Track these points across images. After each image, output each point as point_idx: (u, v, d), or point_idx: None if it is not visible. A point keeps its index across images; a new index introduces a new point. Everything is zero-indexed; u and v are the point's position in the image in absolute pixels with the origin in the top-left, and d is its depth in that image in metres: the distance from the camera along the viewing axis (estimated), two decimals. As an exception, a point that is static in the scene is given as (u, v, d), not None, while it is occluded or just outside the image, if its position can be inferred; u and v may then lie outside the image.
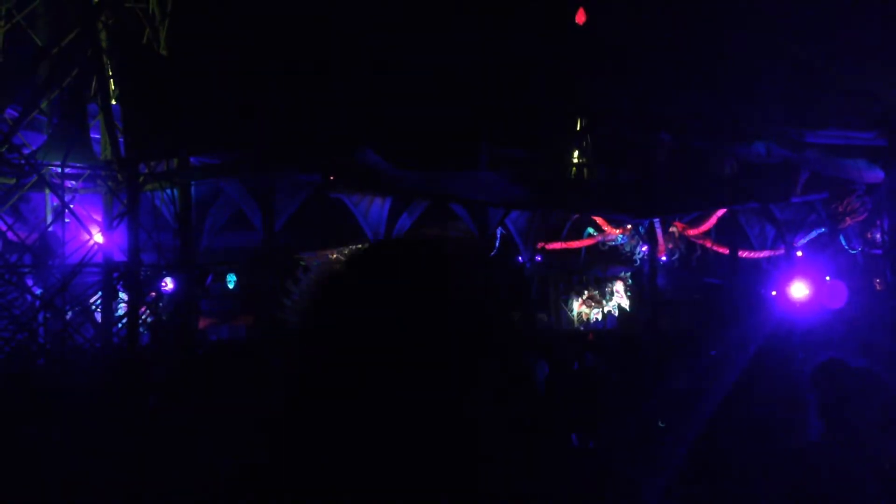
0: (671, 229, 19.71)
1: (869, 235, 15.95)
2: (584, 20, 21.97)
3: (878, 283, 15.86)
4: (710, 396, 4.69)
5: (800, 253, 17.87)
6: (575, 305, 23.18)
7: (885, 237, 14.59)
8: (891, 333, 9.03)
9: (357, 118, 16.57)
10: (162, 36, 11.02)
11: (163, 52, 11.00)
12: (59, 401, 5.89)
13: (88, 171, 10.57)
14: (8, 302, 8.96)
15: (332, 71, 18.85)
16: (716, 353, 7.08)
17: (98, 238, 9.92)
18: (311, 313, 1.00)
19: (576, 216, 20.39)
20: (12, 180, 10.00)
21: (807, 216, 17.43)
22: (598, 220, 20.66)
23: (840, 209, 14.17)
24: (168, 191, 10.43)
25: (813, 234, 17.59)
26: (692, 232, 19.61)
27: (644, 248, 20.27)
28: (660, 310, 18.01)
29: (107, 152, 10.29)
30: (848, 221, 14.29)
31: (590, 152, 22.67)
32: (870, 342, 6.14)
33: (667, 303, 19.14)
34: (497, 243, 18.52)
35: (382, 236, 16.17)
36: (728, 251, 18.34)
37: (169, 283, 10.47)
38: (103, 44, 9.92)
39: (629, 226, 20.12)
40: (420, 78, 20.05)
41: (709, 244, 19.70)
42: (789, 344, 6.99)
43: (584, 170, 22.36)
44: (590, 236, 21.33)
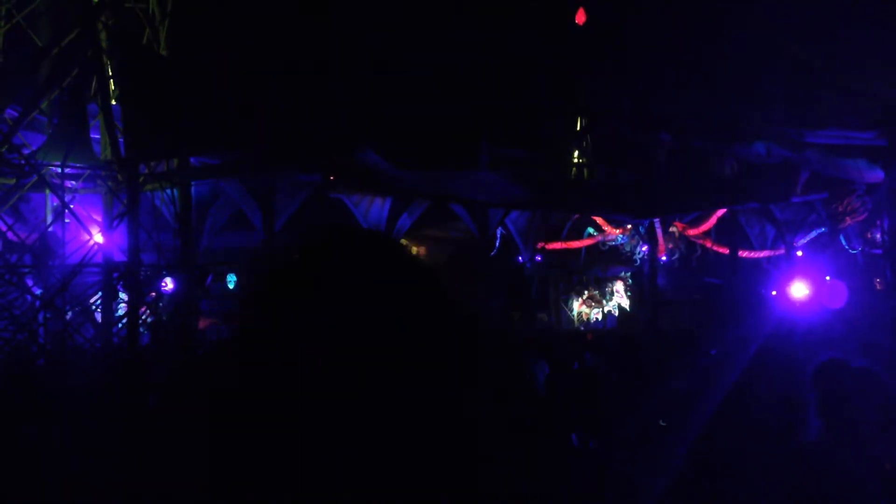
0: (671, 229, 19.71)
1: (869, 235, 15.95)
2: (584, 20, 21.99)
3: (878, 283, 15.86)
4: (711, 396, 4.68)
5: (800, 253, 17.87)
6: (575, 305, 23.18)
7: (885, 237, 14.58)
8: (891, 333, 9.03)
9: (357, 118, 16.58)
10: (162, 36, 11.02)
11: (163, 52, 10.99)
12: (59, 401, 5.89)
13: (88, 172, 10.56)
14: (8, 302, 8.96)
15: (332, 71, 18.85)
16: (716, 353, 7.08)
17: (98, 238, 9.91)
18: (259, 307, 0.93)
19: (576, 216, 20.40)
20: (12, 180, 10.00)
21: (807, 216, 17.43)
22: (599, 220, 20.66)
23: (840, 209, 14.16)
24: (168, 191, 10.42)
25: (813, 233, 17.59)
26: (692, 232, 19.61)
27: (644, 248, 20.28)
28: (660, 310, 18.03)
29: (107, 152, 10.28)
30: (848, 221, 14.27)
31: (590, 152, 22.68)
32: (870, 342, 6.13)
33: (667, 303, 19.16)
34: (497, 243, 18.52)
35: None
36: (728, 251, 18.34)
37: (169, 284, 10.47)
38: (103, 44, 9.91)
39: (629, 226, 20.13)
40: (420, 78, 20.05)
41: (709, 244, 19.71)
42: (789, 344, 6.98)
43: (584, 170, 22.37)
44: (590, 236, 21.33)
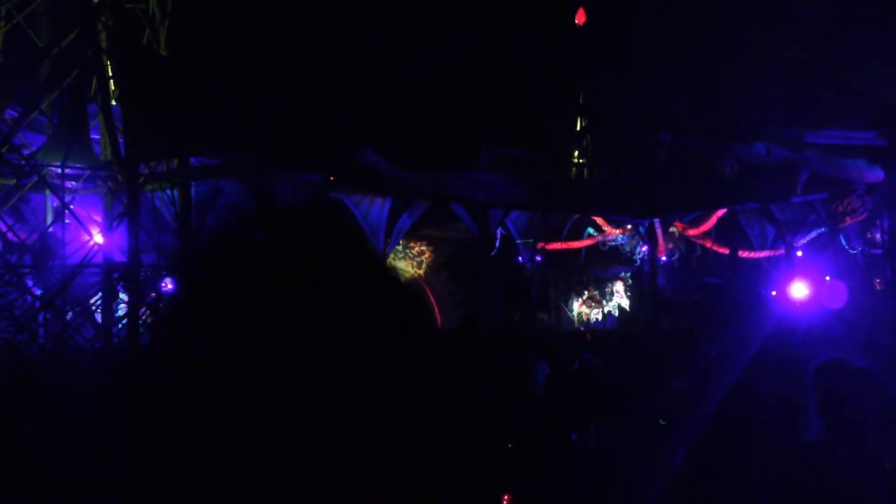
0: (671, 229, 19.71)
1: (869, 235, 15.94)
2: (584, 20, 22.00)
3: (878, 283, 15.86)
4: (711, 396, 4.69)
5: (800, 253, 17.86)
6: (575, 305, 23.18)
7: (885, 237, 14.59)
8: (891, 333, 9.01)
9: (357, 118, 16.57)
10: (162, 36, 11.01)
11: (163, 53, 10.99)
12: (58, 401, 5.88)
13: (88, 172, 10.55)
14: (8, 303, 8.95)
15: (332, 71, 18.85)
16: (716, 353, 7.08)
17: (98, 238, 9.90)
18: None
19: (576, 216, 20.39)
20: (12, 181, 9.99)
21: (807, 216, 17.42)
22: (599, 220, 20.66)
23: (840, 209, 14.16)
24: (168, 191, 10.42)
25: (813, 234, 17.57)
26: (692, 232, 19.61)
27: (644, 249, 20.28)
28: (660, 310, 18.03)
29: (107, 153, 10.28)
30: (848, 221, 14.28)
31: (590, 152, 22.69)
32: (870, 342, 6.13)
33: (667, 303, 19.16)
34: (497, 243, 18.51)
35: (383, 237, 16.15)
36: (728, 251, 18.33)
37: (169, 284, 10.46)
38: (103, 44, 9.91)
39: (629, 226, 20.12)
40: (420, 78, 20.06)
41: (709, 244, 19.70)
42: (789, 344, 6.98)
43: (584, 170, 22.37)
44: (590, 236, 21.33)
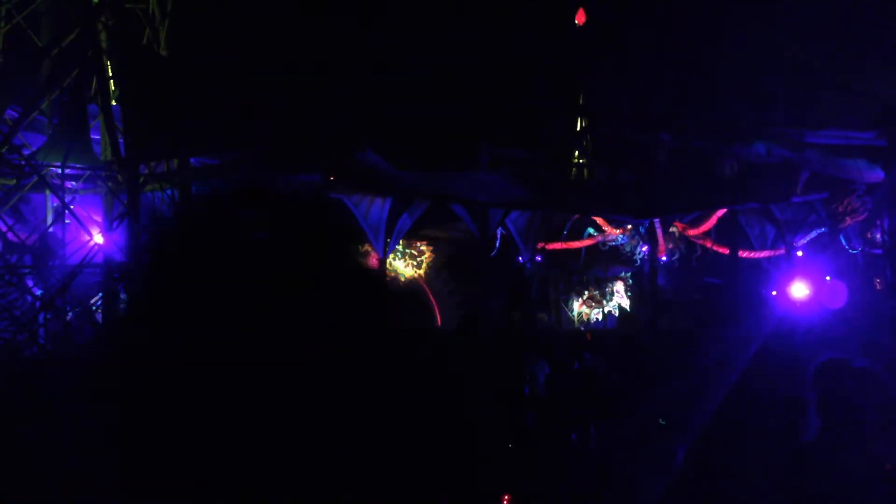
0: (671, 229, 19.70)
1: (869, 235, 15.94)
2: (584, 20, 22.01)
3: (878, 283, 15.86)
4: (711, 396, 4.69)
5: (800, 253, 17.86)
6: (575, 305, 23.18)
7: (886, 237, 14.60)
8: (891, 333, 9.02)
9: (357, 118, 16.57)
10: (162, 36, 11.01)
11: (163, 53, 10.99)
12: (58, 401, 5.88)
13: (88, 172, 10.55)
14: (8, 303, 8.94)
15: (332, 71, 18.85)
16: (716, 354, 7.08)
17: (98, 239, 9.90)
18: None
19: (576, 216, 20.39)
20: (12, 181, 9.99)
21: (807, 216, 17.41)
22: (599, 220, 20.66)
23: (840, 209, 14.17)
24: (168, 191, 10.42)
25: (813, 233, 17.56)
26: (692, 232, 19.60)
27: (644, 249, 20.27)
28: (660, 310, 18.02)
29: (107, 153, 10.28)
30: (848, 221, 14.28)
31: (590, 152, 22.68)
32: (870, 342, 6.13)
33: (667, 303, 19.15)
34: (497, 243, 18.51)
35: (383, 237, 16.15)
36: (728, 251, 18.32)
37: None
38: (103, 44, 9.91)
39: (629, 226, 20.12)
40: (420, 78, 20.05)
41: (709, 244, 19.69)
42: (789, 344, 6.98)
43: (584, 170, 22.36)
44: (590, 236, 21.32)
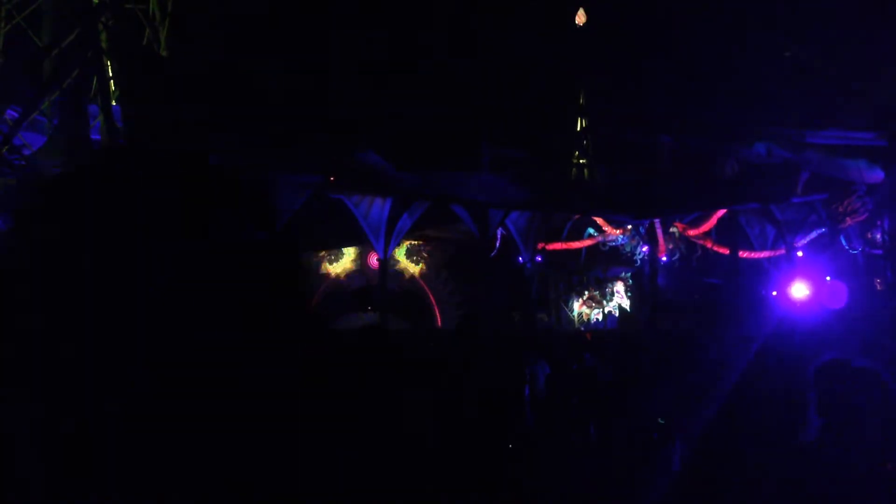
0: (671, 230, 19.70)
1: (869, 235, 15.95)
2: (584, 20, 22.02)
3: (878, 283, 15.86)
4: (711, 396, 4.69)
5: (800, 253, 17.86)
6: (575, 306, 23.18)
7: (886, 237, 14.60)
8: (891, 334, 9.02)
9: (357, 118, 16.57)
10: (162, 36, 11.03)
11: (163, 53, 11.00)
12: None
13: (89, 172, 10.53)
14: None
15: (332, 71, 18.86)
16: (716, 354, 7.08)
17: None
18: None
19: (576, 217, 20.39)
20: (13, 181, 9.99)
21: (807, 216, 17.41)
22: (599, 220, 20.66)
23: (840, 209, 14.17)
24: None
25: (813, 234, 17.57)
26: (692, 232, 19.61)
27: (644, 249, 20.27)
28: (660, 310, 18.01)
29: (107, 153, 10.27)
30: (848, 222, 14.29)
31: (590, 153, 22.68)
32: (870, 342, 6.13)
33: (667, 303, 19.14)
34: (497, 244, 18.51)
35: (383, 237, 16.15)
36: (728, 251, 18.33)
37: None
38: (103, 44, 9.92)
39: (629, 226, 20.12)
40: (420, 78, 20.06)
41: (709, 244, 19.69)
42: (790, 344, 6.98)
43: (585, 170, 22.36)
44: (590, 237, 21.32)
